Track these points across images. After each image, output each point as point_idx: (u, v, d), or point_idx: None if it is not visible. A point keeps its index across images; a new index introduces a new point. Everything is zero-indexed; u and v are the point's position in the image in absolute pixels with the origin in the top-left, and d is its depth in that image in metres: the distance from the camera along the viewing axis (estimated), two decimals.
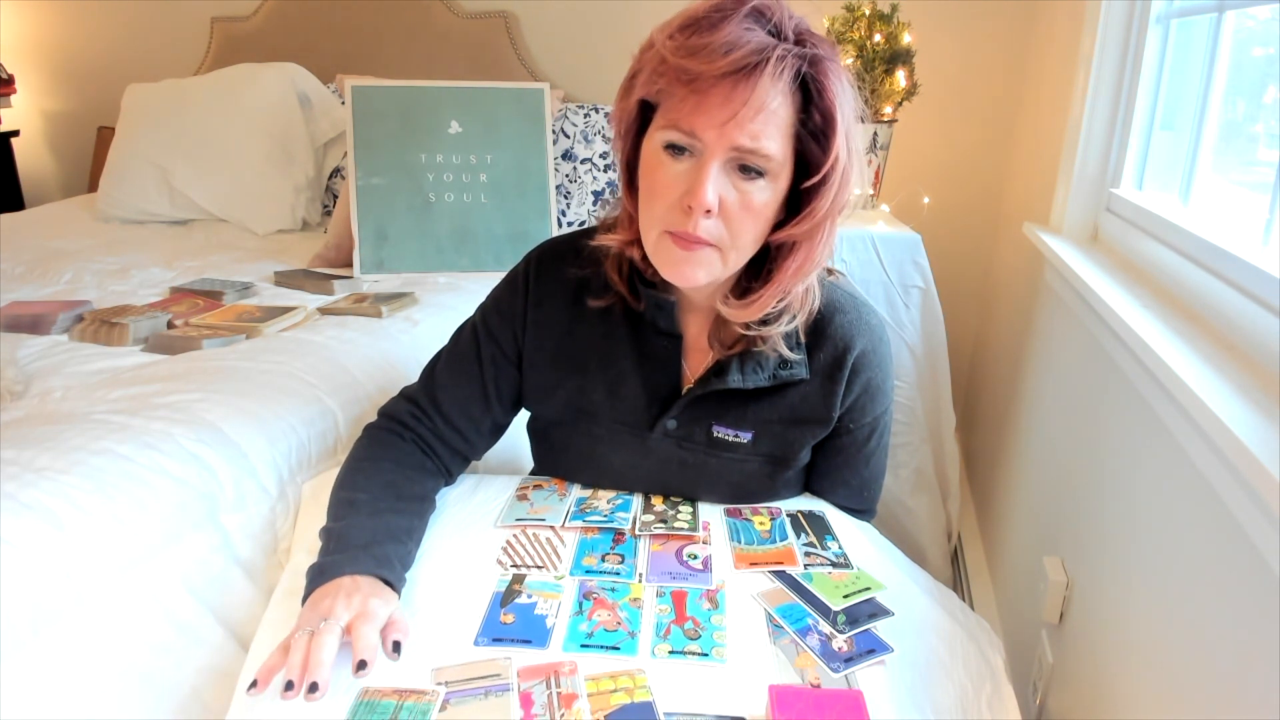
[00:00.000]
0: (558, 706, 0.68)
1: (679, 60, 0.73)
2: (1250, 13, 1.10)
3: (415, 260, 1.73)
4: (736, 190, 0.77)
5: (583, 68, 2.39)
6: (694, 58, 0.72)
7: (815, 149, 0.78)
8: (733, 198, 0.77)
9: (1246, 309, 0.86)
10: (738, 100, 0.73)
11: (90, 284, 1.61)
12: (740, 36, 0.72)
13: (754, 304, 0.84)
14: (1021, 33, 2.11)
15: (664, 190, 0.78)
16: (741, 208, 0.78)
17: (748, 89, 0.73)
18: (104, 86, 2.64)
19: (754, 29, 0.73)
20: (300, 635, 0.71)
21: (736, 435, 0.93)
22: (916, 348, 1.78)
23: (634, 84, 0.80)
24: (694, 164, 0.77)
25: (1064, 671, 1.10)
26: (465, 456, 1.00)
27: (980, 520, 1.99)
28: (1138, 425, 0.96)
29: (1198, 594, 0.75)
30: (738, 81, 0.73)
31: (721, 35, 0.72)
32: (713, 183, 0.75)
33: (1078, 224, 1.47)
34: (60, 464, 0.86)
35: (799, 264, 0.83)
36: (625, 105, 0.82)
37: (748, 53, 0.72)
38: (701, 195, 0.75)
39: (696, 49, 0.72)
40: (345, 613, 0.72)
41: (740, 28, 0.72)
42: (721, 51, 0.71)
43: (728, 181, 0.77)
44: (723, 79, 0.72)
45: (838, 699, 0.69)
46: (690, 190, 0.76)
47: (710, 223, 0.77)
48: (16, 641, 0.74)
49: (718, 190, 0.76)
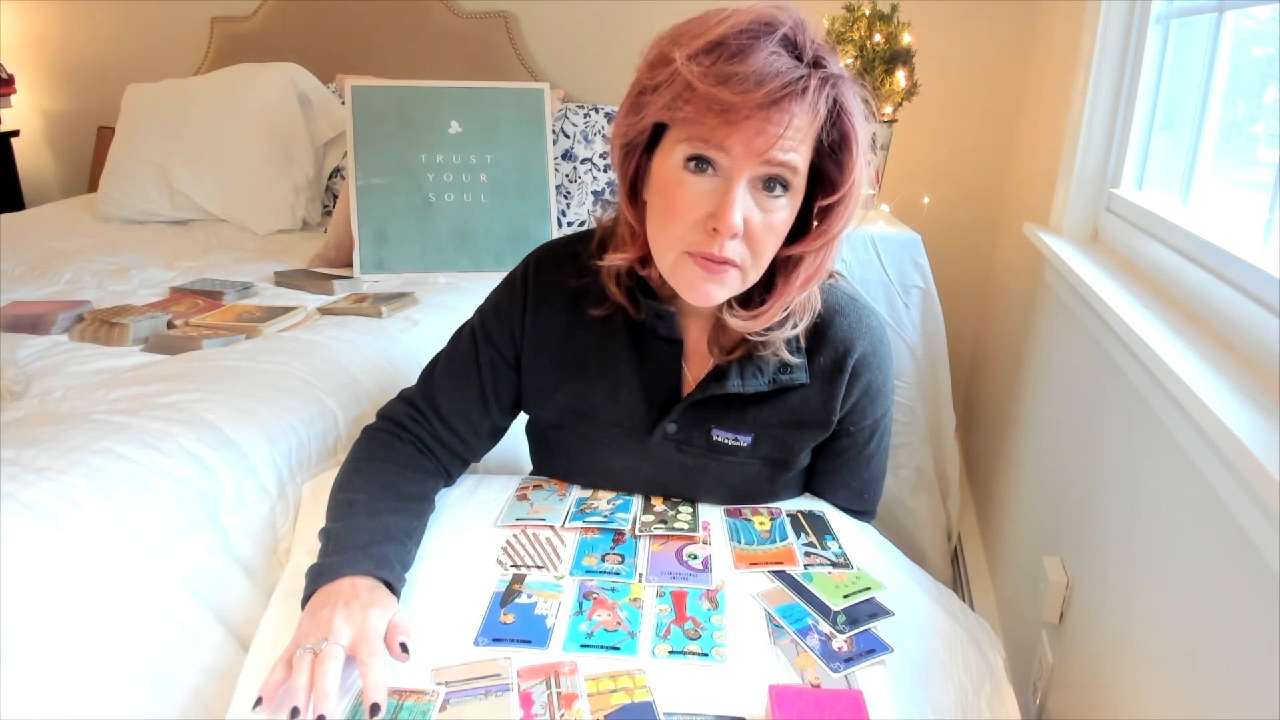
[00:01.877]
0: (558, 706, 0.68)
1: (710, 89, 0.71)
2: (1250, 13, 1.10)
3: (415, 260, 1.73)
4: (760, 210, 0.77)
5: (583, 68, 2.39)
6: (726, 87, 0.71)
7: (832, 166, 0.78)
8: (757, 218, 0.77)
9: (1246, 309, 0.86)
10: (773, 132, 0.73)
11: (90, 284, 1.61)
12: (771, 65, 0.71)
13: (761, 315, 0.84)
14: (1021, 33, 2.11)
15: (686, 210, 0.77)
16: (765, 228, 0.77)
17: (782, 120, 0.72)
18: (104, 86, 2.64)
19: (781, 54, 0.72)
20: (303, 655, 0.69)
21: (736, 439, 0.93)
22: (916, 348, 1.78)
23: (645, 102, 0.78)
24: (718, 183, 0.76)
25: (1064, 671, 1.10)
26: (464, 459, 1.00)
27: (980, 520, 1.99)
28: (1138, 425, 0.96)
29: (1198, 594, 0.75)
30: (770, 114, 0.72)
31: (753, 64, 0.71)
32: (739, 205, 0.75)
33: (1078, 224, 1.47)
34: (60, 464, 0.86)
35: (806, 276, 0.83)
36: (634, 122, 0.80)
37: (782, 84, 0.71)
38: (729, 219, 0.74)
39: (727, 77, 0.71)
40: (346, 628, 0.71)
41: (769, 55, 0.71)
42: (755, 81, 0.71)
43: (751, 201, 0.76)
44: (758, 109, 0.72)
45: (838, 699, 0.69)
46: (717, 214, 0.75)
47: (735, 243, 0.77)
48: (16, 641, 0.74)
49: (744, 211, 0.76)
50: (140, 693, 0.80)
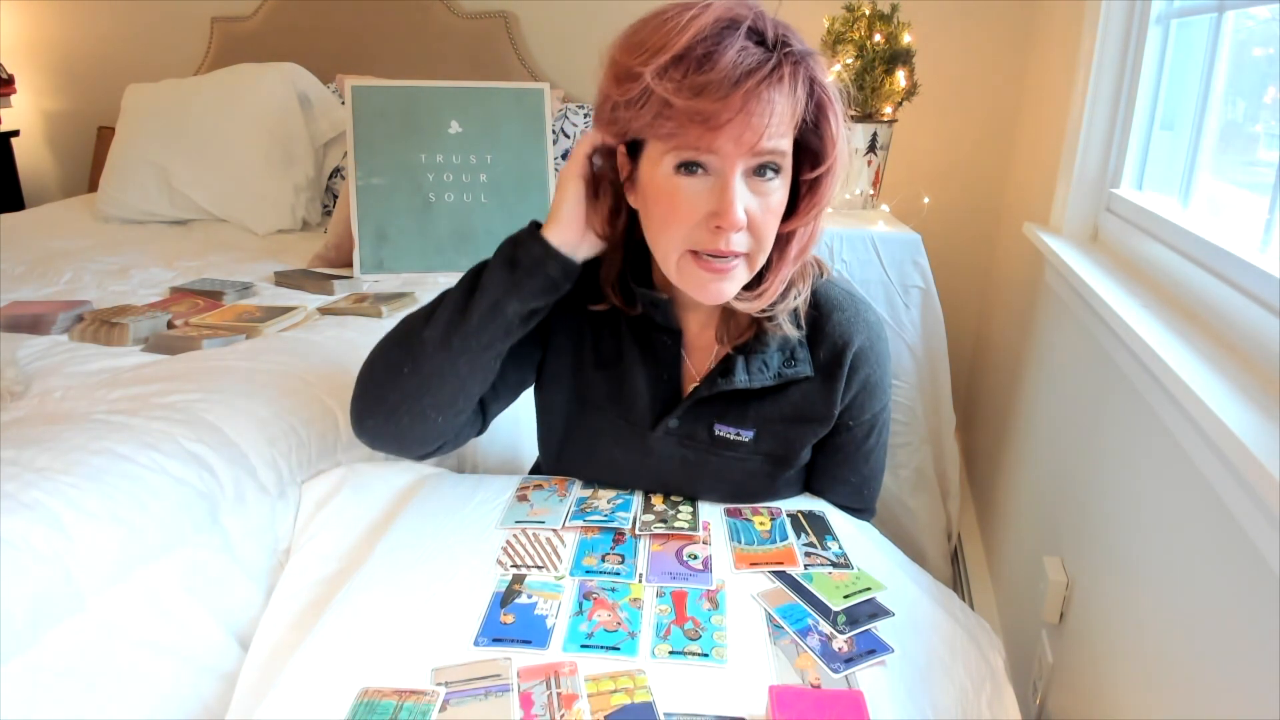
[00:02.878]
0: (558, 707, 0.68)
1: (688, 102, 0.71)
2: (1250, 13, 1.10)
3: (415, 260, 1.73)
4: (757, 196, 0.77)
5: (583, 68, 2.38)
6: (703, 97, 0.71)
7: (814, 139, 0.79)
8: (755, 205, 0.78)
9: (1246, 309, 0.86)
10: (757, 125, 0.73)
11: (90, 284, 1.61)
12: (742, 62, 0.71)
13: (764, 292, 0.85)
14: (1021, 33, 2.11)
15: (685, 214, 0.78)
16: (764, 212, 0.78)
17: (764, 112, 0.73)
18: (104, 86, 2.64)
19: (749, 47, 0.72)
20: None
21: (738, 434, 0.93)
22: (916, 348, 1.78)
23: (620, 118, 0.78)
24: (713, 180, 0.77)
25: (1064, 671, 1.10)
26: (484, 404, 0.97)
27: (980, 520, 1.99)
28: (1138, 425, 0.96)
29: (1198, 594, 0.75)
30: (752, 107, 0.72)
31: (723, 67, 0.71)
32: (739, 199, 0.76)
33: (1078, 224, 1.47)
34: (60, 464, 0.86)
35: (800, 247, 0.85)
36: (612, 134, 0.80)
37: (757, 80, 0.72)
38: (733, 215, 0.75)
39: (701, 87, 0.71)
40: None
41: (738, 53, 0.71)
42: (730, 84, 0.71)
43: (747, 190, 0.77)
44: (739, 111, 0.72)
45: (838, 699, 0.69)
46: (719, 211, 0.76)
47: (740, 235, 0.78)
48: (16, 641, 0.73)
49: (743, 203, 0.76)
50: (139, 692, 0.80)
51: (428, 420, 0.90)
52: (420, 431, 0.91)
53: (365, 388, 0.92)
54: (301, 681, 0.71)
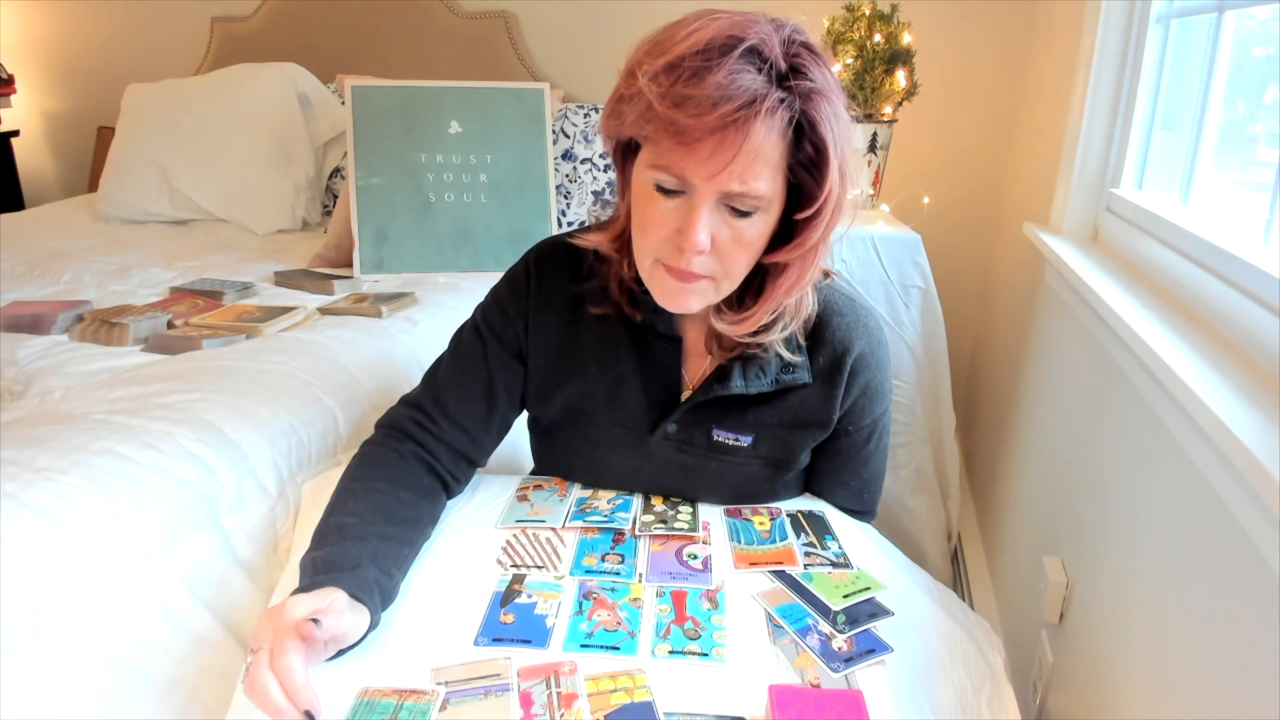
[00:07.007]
0: (558, 706, 0.68)
1: (666, 110, 0.70)
2: (1250, 13, 1.10)
3: (415, 260, 1.73)
4: (728, 226, 0.76)
5: (583, 68, 2.39)
6: (681, 109, 0.70)
7: (809, 180, 0.77)
8: (724, 234, 0.77)
9: (1246, 309, 0.86)
10: (727, 153, 0.71)
11: (90, 284, 1.61)
12: (730, 85, 0.69)
13: (747, 319, 0.84)
14: (1021, 33, 2.11)
15: (655, 226, 0.78)
16: (733, 242, 0.77)
17: (737, 140, 0.71)
18: (104, 86, 2.64)
19: (745, 71, 0.70)
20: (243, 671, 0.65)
21: (737, 439, 0.93)
22: (916, 348, 1.78)
23: (621, 111, 0.77)
24: (684, 202, 0.76)
25: (1064, 671, 1.10)
26: (472, 460, 0.97)
27: (980, 520, 1.99)
28: (1138, 425, 0.96)
29: (1198, 594, 0.75)
30: (725, 135, 0.71)
31: (709, 86, 0.69)
32: (703, 225, 0.75)
33: (1078, 224, 1.47)
34: (60, 464, 0.86)
35: (791, 282, 0.83)
36: (614, 126, 0.79)
37: (737, 107, 0.69)
38: (693, 238, 0.75)
39: (682, 100, 0.70)
40: (267, 627, 0.67)
41: (728, 75, 0.69)
42: (709, 104, 0.69)
43: (719, 218, 0.76)
44: (712, 133, 0.71)
45: (838, 699, 0.69)
46: (682, 231, 0.76)
47: (702, 258, 0.77)
48: (16, 641, 0.74)
49: (709, 230, 0.76)
50: (140, 693, 0.80)
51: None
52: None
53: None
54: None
